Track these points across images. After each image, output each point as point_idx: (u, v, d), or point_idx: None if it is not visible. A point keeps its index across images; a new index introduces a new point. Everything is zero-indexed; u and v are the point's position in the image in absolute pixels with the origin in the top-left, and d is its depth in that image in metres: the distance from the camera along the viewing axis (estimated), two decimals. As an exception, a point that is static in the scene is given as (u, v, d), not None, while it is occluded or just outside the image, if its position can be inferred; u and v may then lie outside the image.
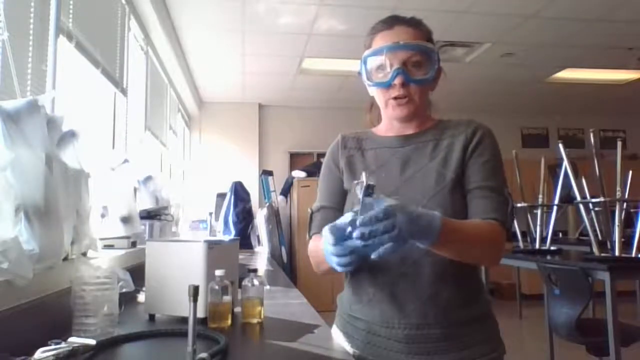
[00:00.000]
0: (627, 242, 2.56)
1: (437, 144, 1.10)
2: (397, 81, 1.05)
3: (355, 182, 0.90)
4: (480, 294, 1.09)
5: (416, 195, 1.03)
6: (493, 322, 1.09)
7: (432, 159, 1.08)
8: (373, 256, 0.82)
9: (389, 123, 1.16)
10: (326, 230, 0.88)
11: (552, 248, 3.33)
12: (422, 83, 1.07)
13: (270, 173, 5.87)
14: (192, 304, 0.85)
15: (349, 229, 0.84)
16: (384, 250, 0.81)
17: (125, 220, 1.97)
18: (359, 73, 1.14)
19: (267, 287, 1.90)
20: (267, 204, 5.53)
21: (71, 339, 0.92)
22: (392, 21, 1.10)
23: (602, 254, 2.60)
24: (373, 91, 1.14)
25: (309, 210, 1.20)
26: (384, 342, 1.03)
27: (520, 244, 3.50)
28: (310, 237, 1.17)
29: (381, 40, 1.08)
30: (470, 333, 1.03)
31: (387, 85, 1.07)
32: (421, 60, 1.06)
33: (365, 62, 1.11)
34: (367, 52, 1.10)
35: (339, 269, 0.91)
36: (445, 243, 0.90)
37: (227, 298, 1.17)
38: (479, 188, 1.04)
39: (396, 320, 1.02)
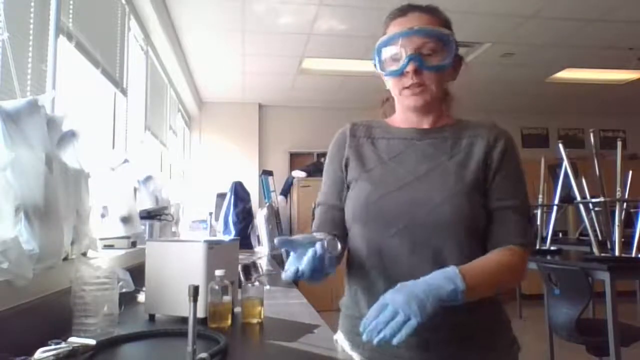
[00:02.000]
0: (627, 242, 2.56)
1: (455, 143, 1.05)
2: (410, 68, 0.99)
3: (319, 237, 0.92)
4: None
5: (432, 194, 0.98)
6: (506, 320, 1.06)
7: (451, 158, 1.03)
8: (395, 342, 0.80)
9: (404, 115, 1.10)
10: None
11: (552, 248, 3.34)
12: (437, 70, 1.01)
13: (270, 173, 5.87)
14: (192, 304, 0.85)
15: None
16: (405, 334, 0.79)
17: (125, 220, 1.97)
18: (375, 65, 1.08)
19: (267, 287, 1.90)
20: (267, 204, 5.53)
21: (71, 339, 0.92)
22: (407, 8, 1.05)
23: (602, 254, 2.60)
24: (388, 82, 1.08)
25: (313, 205, 1.17)
26: (394, 350, 0.97)
27: (520, 244, 3.50)
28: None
29: (395, 28, 1.03)
30: (483, 334, 0.99)
31: (400, 73, 1.01)
32: (437, 47, 1.00)
33: (379, 53, 1.05)
34: (380, 41, 1.05)
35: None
36: (472, 295, 0.87)
37: (227, 298, 1.17)
38: (506, 209, 1.00)
39: None
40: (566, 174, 2.95)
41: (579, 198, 2.79)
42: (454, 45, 1.03)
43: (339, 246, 0.95)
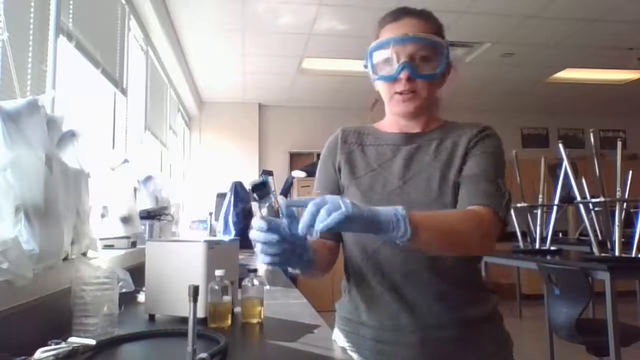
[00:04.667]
0: (627, 242, 2.56)
1: (440, 143, 1.05)
2: (403, 75, 1.00)
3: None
4: (486, 291, 1.07)
5: (418, 197, 0.99)
6: (500, 319, 1.07)
7: (435, 158, 1.03)
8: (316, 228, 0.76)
9: (394, 119, 1.11)
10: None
11: (552, 248, 3.34)
12: (429, 79, 1.02)
13: (270, 173, 5.84)
14: (192, 304, 0.85)
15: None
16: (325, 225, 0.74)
17: (125, 220, 1.97)
18: (365, 66, 1.09)
19: (267, 287, 1.89)
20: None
21: (71, 339, 0.92)
22: (401, 13, 1.05)
23: (602, 254, 2.61)
24: (378, 85, 1.08)
25: None
26: (394, 349, 0.99)
27: (520, 244, 3.51)
28: None
29: (389, 32, 1.03)
30: (482, 332, 1.01)
31: (393, 79, 1.02)
32: (430, 54, 1.01)
33: (371, 55, 1.06)
34: (373, 45, 1.05)
35: (265, 259, 0.86)
36: (419, 234, 0.79)
37: (227, 298, 1.17)
38: (472, 176, 0.99)
39: (408, 322, 0.98)
40: (566, 174, 2.95)
41: (579, 198, 2.79)
42: (446, 52, 1.03)
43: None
